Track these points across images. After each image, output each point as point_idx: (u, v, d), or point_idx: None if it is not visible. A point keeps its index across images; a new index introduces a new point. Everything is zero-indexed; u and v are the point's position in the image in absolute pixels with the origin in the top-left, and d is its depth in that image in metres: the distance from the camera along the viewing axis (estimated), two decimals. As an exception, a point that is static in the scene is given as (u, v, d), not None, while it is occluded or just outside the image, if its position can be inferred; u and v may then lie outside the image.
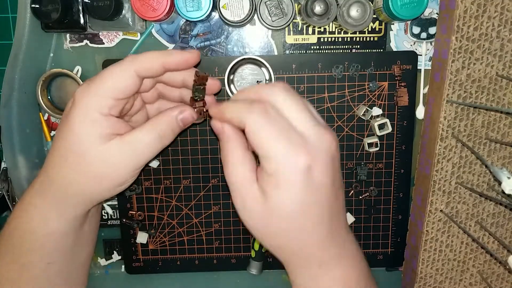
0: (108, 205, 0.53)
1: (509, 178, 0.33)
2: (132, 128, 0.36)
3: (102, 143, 0.34)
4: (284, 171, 0.30)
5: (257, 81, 0.49)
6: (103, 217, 0.53)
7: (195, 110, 0.38)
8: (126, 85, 0.34)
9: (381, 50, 0.49)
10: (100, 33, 0.49)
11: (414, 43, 0.49)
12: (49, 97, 0.51)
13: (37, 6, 0.43)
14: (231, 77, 0.48)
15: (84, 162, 0.34)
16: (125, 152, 0.34)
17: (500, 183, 0.34)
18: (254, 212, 0.32)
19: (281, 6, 0.45)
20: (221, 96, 0.49)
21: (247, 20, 0.45)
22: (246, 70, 0.49)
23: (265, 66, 0.48)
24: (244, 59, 0.48)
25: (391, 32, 0.49)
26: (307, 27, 0.49)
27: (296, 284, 0.34)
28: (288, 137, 0.30)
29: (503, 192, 0.34)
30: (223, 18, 0.45)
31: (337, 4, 0.44)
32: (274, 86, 0.32)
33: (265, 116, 0.30)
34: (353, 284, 0.34)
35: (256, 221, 0.32)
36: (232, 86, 0.49)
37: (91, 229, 0.43)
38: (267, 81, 0.49)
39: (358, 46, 0.49)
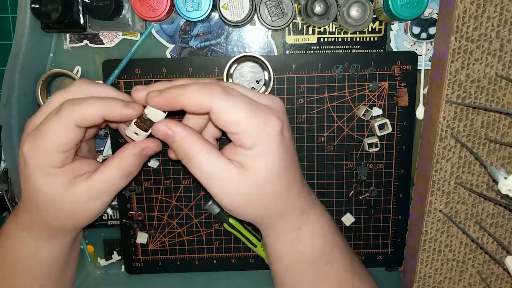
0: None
1: (506, 178, 0.33)
2: (89, 155, 0.37)
3: (68, 189, 0.34)
4: (263, 140, 0.31)
5: (257, 81, 0.49)
6: (103, 217, 0.53)
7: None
8: (69, 139, 0.33)
9: (381, 50, 0.49)
10: (100, 33, 0.49)
11: (414, 43, 0.49)
12: (49, 97, 0.51)
13: (37, 6, 0.43)
14: (231, 70, 0.48)
15: (57, 208, 0.35)
16: (93, 191, 0.35)
17: (498, 184, 0.34)
18: (236, 190, 0.32)
19: (281, 6, 0.45)
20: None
21: (247, 20, 0.45)
22: (246, 68, 0.49)
23: (265, 64, 0.48)
24: (243, 56, 0.48)
25: (391, 32, 0.49)
26: (307, 27, 0.49)
27: (272, 237, 0.36)
28: (255, 108, 0.31)
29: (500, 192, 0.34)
30: (223, 18, 0.45)
31: (337, 4, 0.44)
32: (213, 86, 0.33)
33: (229, 94, 0.31)
34: (327, 224, 0.38)
35: (239, 198, 0.33)
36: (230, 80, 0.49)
37: (77, 246, 0.45)
38: (266, 80, 0.49)
39: (358, 46, 0.49)
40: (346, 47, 0.49)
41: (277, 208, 0.34)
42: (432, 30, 0.48)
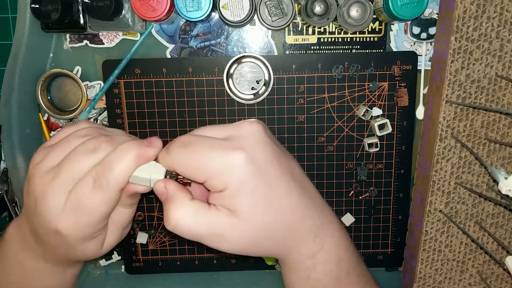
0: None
1: (506, 178, 0.33)
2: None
3: (100, 250, 0.35)
4: (231, 177, 0.29)
5: (257, 81, 0.49)
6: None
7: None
8: (112, 205, 0.32)
9: (381, 50, 0.49)
10: (100, 33, 0.49)
11: (414, 43, 0.49)
12: (49, 97, 0.51)
13: (37, 6, 0.43)
14: (231, 70, 0.48)
15: (81, 255, 0.35)
16: (116, 236, 0.36)
17: (498, 184, 0.34)
18: (237, 237, 0.31)
19: (281, 6, 0.45)
20: (220, 95, 0.49)
21: (247, 20, 0.45)
22: (246, 68, 0.49)
23: (265, 64, 0.48)
24: (244, 56, 0.48)
25: (391, 32, 0.49)
26: (307, 27, 0.49)
27: (295, 269, 0.34)
28: (211, 148, 0.30)
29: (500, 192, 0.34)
30: (223, 18, 0.45)
31: (337, 4, 0.44)
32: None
33: (182, 145, 0.30)
34: (344, 246, 0.35)
35: (242, 242, 0.31)
36: (230, 83, 0.49)
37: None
38: (266, 80, 0.49)
39: (358, 46, 0.49)
40: (346, 47, 0.49)
41: (279, 238, 0.32)
42: (432, 30, 0.48)
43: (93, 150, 0.31)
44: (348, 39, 0.49)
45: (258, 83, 0.49)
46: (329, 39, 0.49)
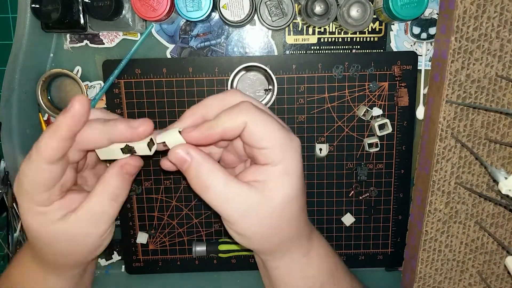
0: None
1: (506, 178, 0.33)
2: (84, 189, 0.35)
3: (58, 226, 0.32)
4: (290, 156, 0.30)
5: (265, 89, 0.49)
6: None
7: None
8: (45, 178, 0.30)
9: (381, 51, 0.49)
10: (100, 33, 0.49)
11: (414, 43, 0.49)
12: (49, 97, 0.51)
13: (37, 6, 0.43)
14: (234, 83, 0.49)
15: (54, 246, 0.34)
16: (83, 223, 0.33)
17: (498, 184, 0.34)
18: (257, 215, 0.31)
19: (281, 6, 0.45)
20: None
21: (247, 20, 0.45)
22: (248, 75, 0.49)
23: (267, 73, 0.48)
24: (246, 66, 0.48)
25: (391, 32, 0.49)
26: (307, 27, 0.49)
27: (283, 266, 0.35)
28: (282, 125, 0.31)
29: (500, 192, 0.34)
30: (223, 18, 0.45)
31: (337, 4, 0.44)
32: (235, 93, 0.32)
33: (260, 110, 0.30)
34: (326, 243, 0.38)
35: (260, 223, 0.31)
36: None
37: (88, 278, 0.43)
38: (269, 88, 0.49)
39: (358, 47, 0.49)
40: (346, 47, 0.49)
41: (290, 233, 0.33)
42: (432, 30, 0.48)
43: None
44: (348, 39, 0.49)
45: (266, 92, 0.49)
46: (329, 39, 0.49)
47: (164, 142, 0.31)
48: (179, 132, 0.31)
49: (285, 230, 0.33)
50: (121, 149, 0.32)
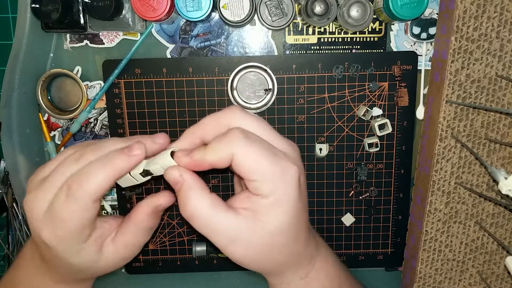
0: (108, 205, 0.53)
1: (506, 178, 0.33)
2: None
3: (98, 257, 0.33)
4: (281, 188, 0.29)
5: (265, 89, 0.49)
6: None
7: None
8: (88, 217, 0.31)
9: (381, 51, 0.49)
10: (100, 33, 0.49)
11: (414, 43, 0.49)
12: (49, 97, 0.51)
13: (37, 6, 0.43)
14: (234, 82, 0.48)
15: (83, 272, 0.34)
16: (121, 253, 0.34)
17: (498, 184, 0.34)
18: (247, 243, 0.30)
19: (281, 6, 0.45)
20: (221, 95, 0.49)
21: (247, 20, 0.45)
22: (248, 75, 0.49)
23: (267, 72, 0.48)
24: (246, 66, 0.48)
25: (391, 32, 0.49)
26: (307, 27, 0.49)
27: (280, 285, 0.35)
28: (275, 155, 0.30)
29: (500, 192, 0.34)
30: (223, 18, 0.45)
31: (337, 4, 0.44)
32: (232, 112, 0.31)
33: (249, 141, 0.29)
34: (332, 265, 0.37)
35: (250, 251, 0.31)
36: (234, 91, 0.49)
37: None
38: (270, 88, 0.49)
39: (358, 47, 0.49)
40: (346, 47, 0.49)
41: (284, 258, 0.33)
42: (432, 30, 0.48)
43: (76, 159, 0.31)
44: (348, 39, 0.49)
45: (266, 92, 0.49)
46: (329, 39, 0.49)
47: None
48: (173, 152, 0.31)
49: (277, 257, 0.32)
50: (140, 173, 0.32)
